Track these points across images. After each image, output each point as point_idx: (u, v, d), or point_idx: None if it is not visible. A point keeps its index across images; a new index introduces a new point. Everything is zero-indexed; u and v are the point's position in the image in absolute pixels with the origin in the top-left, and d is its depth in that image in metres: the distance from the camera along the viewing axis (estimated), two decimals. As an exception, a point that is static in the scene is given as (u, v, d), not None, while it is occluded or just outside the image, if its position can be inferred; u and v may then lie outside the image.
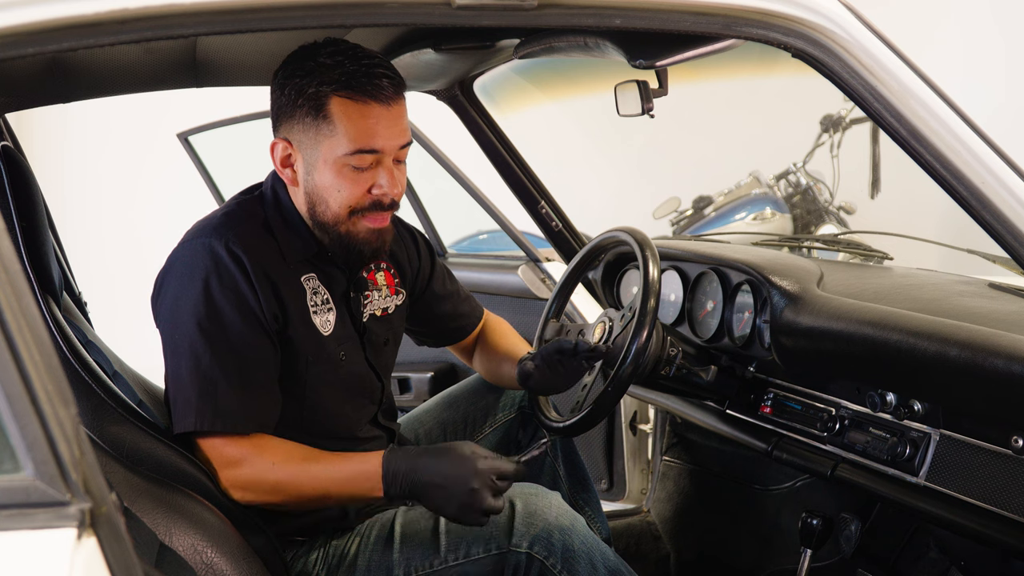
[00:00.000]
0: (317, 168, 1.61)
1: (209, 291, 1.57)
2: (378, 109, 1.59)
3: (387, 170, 1.62)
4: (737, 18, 1.25)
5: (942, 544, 1.78)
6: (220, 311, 1.57)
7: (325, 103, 1.58)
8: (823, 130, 4.73)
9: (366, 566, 1.63)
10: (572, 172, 5.12)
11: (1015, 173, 1.30)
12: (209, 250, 1.58)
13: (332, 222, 1.63)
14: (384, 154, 1.61)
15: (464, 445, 1.58)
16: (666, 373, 1.93)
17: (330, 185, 1.61)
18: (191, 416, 1.56)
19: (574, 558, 1.57)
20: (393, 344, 1.84)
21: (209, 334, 1.56)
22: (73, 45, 1.03)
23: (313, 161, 1.61)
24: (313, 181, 1.62)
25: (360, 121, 1.58)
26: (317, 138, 1.60)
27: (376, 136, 1.59)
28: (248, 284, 1.58)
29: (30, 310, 0.88)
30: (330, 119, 1.58)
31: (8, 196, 1.60)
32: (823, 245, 3.13)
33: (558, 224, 2.50)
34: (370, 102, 1.58)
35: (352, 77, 1.58)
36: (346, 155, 1.59)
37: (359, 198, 1.62)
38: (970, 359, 1.47)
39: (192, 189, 3.74)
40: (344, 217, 1.63)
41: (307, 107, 1.59)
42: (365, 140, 1.59)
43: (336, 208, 1.62)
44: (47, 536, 0.87)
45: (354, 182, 1.61)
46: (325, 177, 1.61)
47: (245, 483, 1.58)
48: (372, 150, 1.59)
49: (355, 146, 1.58)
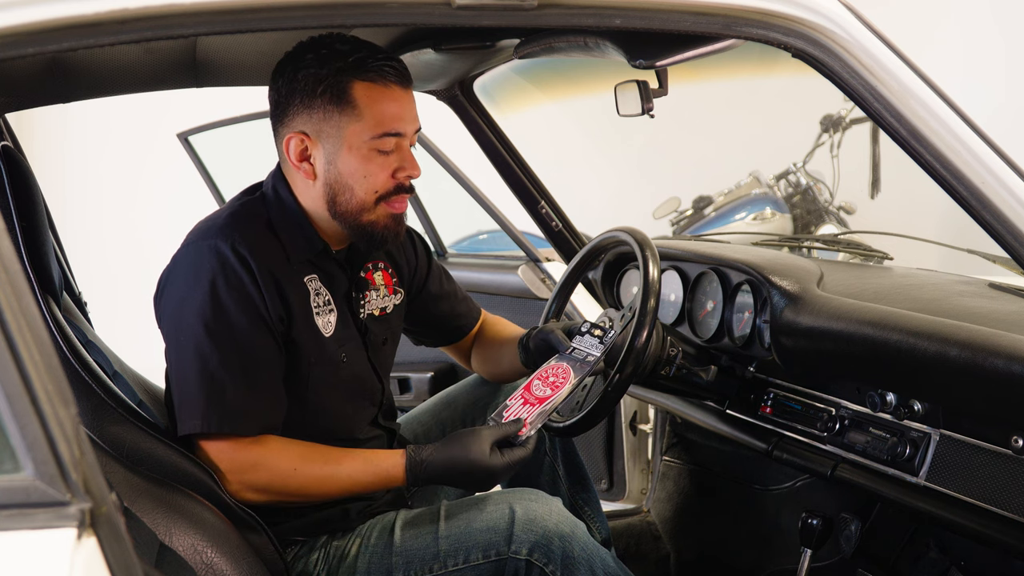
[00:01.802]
0: (341, 156, 1.61)
1: (215, 292, 1.56)
2: (399, 91, 1.62)
3: (407, 153, 1.65)
4: (737, 18, 1.25)
5: (942, 544, 1.78)
6: (226, 312, 1.56)
7: (347, 89, 1.59)
8: (823, 130, 4.73)
9: (366, 568, 1.63)
10: (572, 172, 5.11)
11: (1015, 173, 1.30)
12: (215, 251, 1.58)
13: (357, 210, 1.64)
14: (405, 137, 1.63)
15: (475, 436, 1.60)
16: (666, 373, 1.93)
17: (356, 171, 1.62)
18: (197, 418, 1.56)
19: (574, 565, 1.57)
20: (392, 343, 1.84)
21: (216, 335, 1.56)
22: (73, 45, 1.03)
23: (336, 149, 1.61)
24: (336, 170, 1.62)
25: (385, 104, 1.60)
26: (340, 125, 1.60)
27: (399, 119, 1.62)
28: (255, 285, 1.58)
29: (30, 310, 0.88)
30: (355, 104, 1.59)
31: (8, 196, 1.60)
32: (823, 245, 3.13)
33: (558, 224, 2.50)
34: (391, 84, 1.61)
35: (369, 62, 1.60)
36: (373, 138, 1.60)
37: (384, 182, 1.63)
38: (970, 359, 1.47)
39: (192, 189, 3.74)
40: (371, 204, 1.63)
41: (328, 95, 1.59)
42: (391, 123, 1.61)
43: (362, 195, 1.63)
44: (47, 536, 0.87)
45: (380, 167, 1.62)
46: (350, 164, 1.61)
47: (264, 487, 1.58)
48: (398, 133, 1.62)
49: (382, 129, 1.60)
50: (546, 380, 1.70)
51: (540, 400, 1.67)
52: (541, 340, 1.84)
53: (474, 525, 1.60)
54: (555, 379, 1.70)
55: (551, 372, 1.71)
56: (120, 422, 1.54)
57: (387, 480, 1.63)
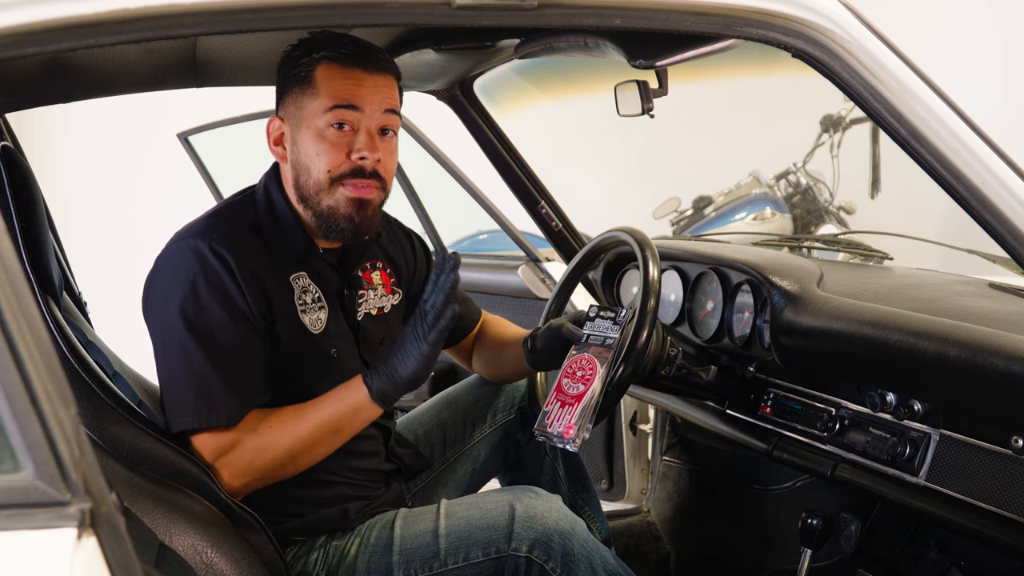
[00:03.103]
0: (301, 135, 1.64)
1: (196, 291, 1.57)
2: (361, 73, 1.63)
3: (368, 134, 1.63)
4: (737, 18, 1.25)
5: (942, 544, 1.78)
6: (208, 310, 1.57)
7: (312, 71, 1.62)
8: (823, 130, 4.73)
9: (366, 567, 1.63)
10: (572, 172, 5.11)
11: (1015, 173, 1.30)
12: (194, 251, 1.59)
13: (315, 192, 1.64)
14: (365, 116, 1.63)
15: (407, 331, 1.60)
16: (666, 373, 1.93)
17: (310, 147, 1.63)
18: (188, 415, 1.56)
19: (574, 562, 1.57)
20: (389, 344, 1.84)
21: (199, 333, 1.57)
22: (73, 45, 1.03)
23: (297, 128, 1.64)
24: (298, 151, 1.65)
25: (340, 81, 1.62)
26: (301, 105, 1.63)
27: (355, 95, 1.62)
28: (234, 283, 1.59)
29: (30, 310, 0.88)
30: (314, 83, 1.62)
31: (8, 196, 1.60)
32: (823, 245, 3.13)
33: (558, 224, 2.50)
34: (354, 68, 1.62)
35: (342, 48, 1.62)
36: (325, 113, 1.61)
37: (339, 162, 1.63)
38: (970, 359, 1.47)
39: (192, 189, 3.74)
40: (325, 184, 1.63)
41: (296, 77, 1.63)
42: (343, 96, 1.61)
43: (317, 174, 1.63)
44: (47, 536, 0.87)
45: (333, 145, 1.62)
46: (307, 143, 1.63)
47: (245, 467, 1.57)
48: (350, 106, 1.61)
49: (334, 101, 1.61)
50: (575, 376, 1.69)
51: (577, 398, 1.66)
52: (550, 338, 1.82)
53: (474, 523, 1.60)
54: (583, 372, 1.68)
55: (576, 366, 1.70)
56: (120, 422, 1.54)
57: (355, 406, 1.61)
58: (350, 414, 1.62)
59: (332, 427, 1.61)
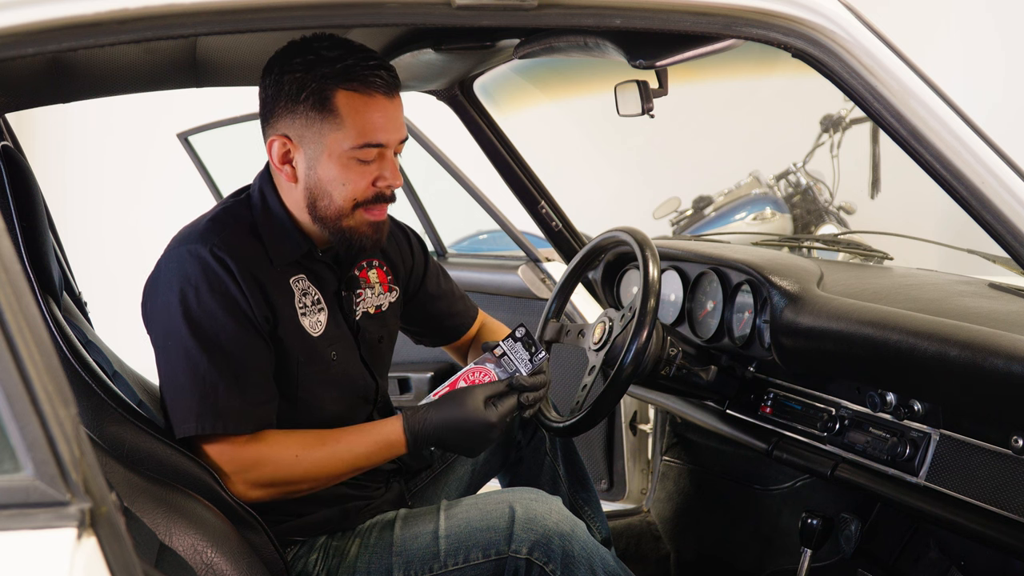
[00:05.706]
0: (321, 162, 1.61)
1: (199, 296, 1.57)
2: (383, 101, 1.61)
3: (390, 163, 1.64)
4: (737, 18, 1.25)
5: (942, 544, 1.78)
6: (212, 315, 1.57)
7: (331, 96, 1.58)
8: (823, 130, 4.73)
9: (366, 567, 1.63)
10: (572, 172, 5.11)
11: (1015, 173, 1.30)
12: (196, 256, 1.58)
13: (335, 216, 1.64)
14: (387, 147, 1.62)
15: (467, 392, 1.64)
16: (666, 373, 1.93)
17: (335, 178, 1.62)
18: (191, 421, 1.56)
19: (574, 564, 1.57)
20: (388, 341, 1.84)
21: (203, 338, 1.56)
22: (73, 45, 1.03)
23: (316, 155, 1.61)
24: (316, 176, 1.62)
25: (367, 115, 1.59)
26: (322, 132, 1.60)
27: (382, 129, 1.61)
28: (237, 287, 1.58)
29: (30, 310, 0.88)
30: (337, 113, 1.59)
31: (8, 196, 1.60)
32: (823, 245, 3.13)
33: (558, 224, 2.50)
34: (375, 94, 1.60)
35: (355, 70, 1.59)
36: (353, 148, 1.60)
37: (363, 191, 1.63)
38: (970, 359, 1.47)
39: (192, 189, 3.74)
40: (348, 210, 1.63)
41: (311, 101, 1.59)
42: (372, 134, 1.60)
43: (340, 201, 1.63)
44: (47, 536, 0.87)
45: (360, 175, 1.62)
46: (330, 171, 1.61)
47: (269, 481, 1.58)
48: (378, 144, 1.61)
49: (363, 140, 1.60)
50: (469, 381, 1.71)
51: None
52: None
53: (474, 524, 1.60)
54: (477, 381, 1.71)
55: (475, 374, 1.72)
56: (120, 422, 1.54)
57: (388, 447, 1.64)
58: (385, 452, 1.65)
59: (365, 458, 1.65)
